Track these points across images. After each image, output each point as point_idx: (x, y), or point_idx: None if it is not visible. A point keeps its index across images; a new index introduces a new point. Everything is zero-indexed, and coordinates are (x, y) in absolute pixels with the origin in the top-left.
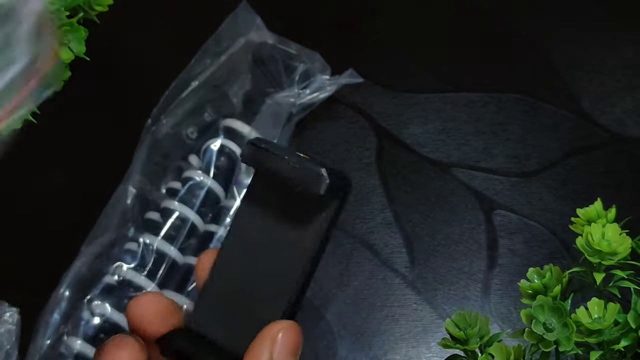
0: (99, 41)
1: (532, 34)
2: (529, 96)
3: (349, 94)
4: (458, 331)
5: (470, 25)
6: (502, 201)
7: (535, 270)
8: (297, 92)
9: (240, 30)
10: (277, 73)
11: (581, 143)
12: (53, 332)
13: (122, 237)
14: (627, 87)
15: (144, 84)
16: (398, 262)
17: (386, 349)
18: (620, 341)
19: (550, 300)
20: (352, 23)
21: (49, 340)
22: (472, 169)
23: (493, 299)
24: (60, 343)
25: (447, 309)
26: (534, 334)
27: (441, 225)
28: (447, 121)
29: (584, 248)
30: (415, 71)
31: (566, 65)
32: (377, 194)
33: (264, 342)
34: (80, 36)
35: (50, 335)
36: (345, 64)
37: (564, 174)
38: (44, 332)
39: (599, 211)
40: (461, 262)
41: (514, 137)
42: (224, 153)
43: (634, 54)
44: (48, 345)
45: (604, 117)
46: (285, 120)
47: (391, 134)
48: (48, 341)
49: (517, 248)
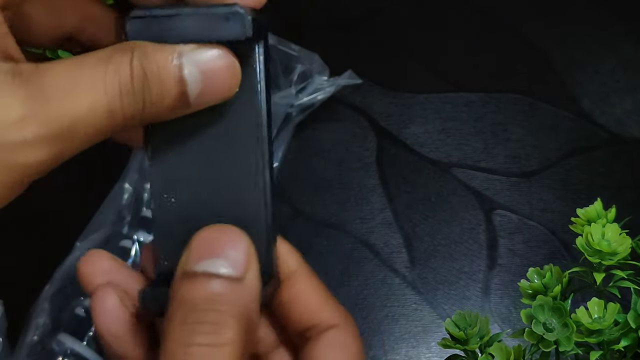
0: None
1: (532, 34)
2: (529, 96)
3: (349, 94)
4: (458, 331)
5: (470, 25)
6: (502, 201)
7: (535, 270)
8: (294, 93)
9: None
10: (275, 74)
11: (581, 143)
12: (44, 328)
13: (116, 234)
14: (627, 87)
15: None
16: (398, 262)
17: (386, 349)
18: (620, 341)
19: (550, 300)
20: (351, 23)
21: (39, 336)
22: (472, 169)
23: (493, 299)
24: (52, 339)
25: (447, 308)
26: (534, 334)
27: (441, 225)
28: (447, 121)
29: (584, 248)
30: (415, 71)
31: (566, 65)
32: (377, 194)
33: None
34: None
35: (41, 330)
36: (346, 64)
37: (563, 174)
38: (35, 327)
39: (599, 211)
40: (461, 262)
41: (514, 137)
42: None
43: (634, 54)
44: (37, 341)
45: (604, 117)
46: (282, 121)
47: (391, 134)
48: (36, 337)
49: (517, 248)
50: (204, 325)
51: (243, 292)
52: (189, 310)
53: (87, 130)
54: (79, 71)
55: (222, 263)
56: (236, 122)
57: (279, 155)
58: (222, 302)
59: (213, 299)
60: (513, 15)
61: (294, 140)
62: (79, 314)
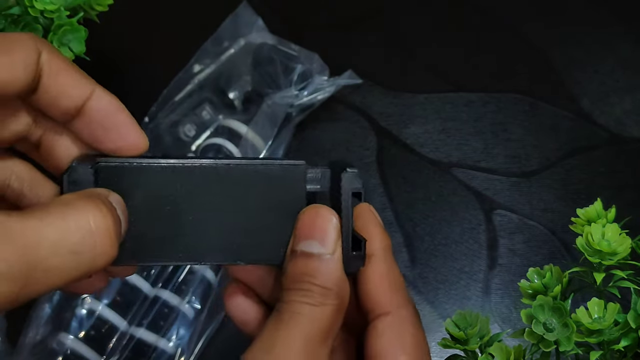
0: (99, 41)
1: (532, 34)
2: (528, 96)
3: (349, 94)
4: (458, 331)
5: (471, 25)
6: (502, 201)
7: (535, 270)
8: (294, 93)
9: (240, 30)
10: (275, 74)
11: (581, 143)
12: (45, 328)
13: None
14: (627, 87)
15: (144, 84)
16: (398, 262)
17: None
18: (620, 341)
19: (550, 300)
20: (352, 23)
21: (40, 336)
22: (472, 169)
23: (493, 298)
24: (52, 338)
25: (448, 308)
26: (534, 333)
27: (441, 225)
28: (447, 121)
29: (584, 248)
30: (415, 71)
31: (566, 65)
32: (377, 194)
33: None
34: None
35: (42, 330)
36: (346, 64)
37: (564, 174)
38: (35, 326)
39: (599, 211)
40: (461, 261)
41: (514, 137)
42: (221, 152)
43: (633, 54)
44: (38, 341)
45: (604, 117)
46: (282, 121)
47: (391, 134)
48: (39, 336)
49: (517, 248)
50: (300, 291)
51: (331, 265)
52: (291, 280)
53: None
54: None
55: (315, 244)
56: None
57: (279, 155)
58: (315, 275)
59: (308, 272)
60: (513, 15)
61: (294, 140)
62: (80, 313)
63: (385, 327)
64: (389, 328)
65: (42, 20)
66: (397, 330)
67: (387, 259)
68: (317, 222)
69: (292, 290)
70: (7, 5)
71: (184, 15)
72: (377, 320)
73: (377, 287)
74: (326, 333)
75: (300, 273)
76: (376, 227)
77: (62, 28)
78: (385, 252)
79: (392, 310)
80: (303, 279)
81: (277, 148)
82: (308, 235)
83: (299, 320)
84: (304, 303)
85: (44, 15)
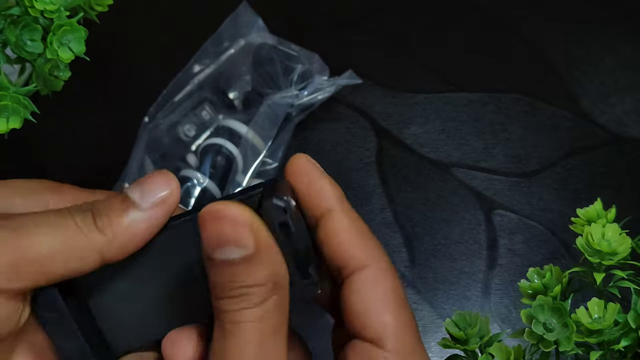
0: (99, 41)
1: (532, 34)
2: (528, 96)
3: (349, 94)
4: (458, 331)
5: (470, 25)
6: (502, 201)
7: (535, 270)
8: (294, 93)
9: (240, 30)
10: (275, 74)
11: (581, 143)
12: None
13: None
14: (627, 87)
15: (144, 85)
16: (398, 262)
17: None
18: (620, 341)
19: (550, 300)
20: (351, 23)
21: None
22: (472, 169)
23: (493, 298)
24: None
25: (447, 308)
26: (534, 334)
27: (441, 225)
28: (447, 121)
29: (584, 248)
30: (415, 71)
31: (566, 65)
32: (377, 194)
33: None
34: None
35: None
36: (346, 64)
37: (564, 174)
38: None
39: (599, 211)
40: (461, 262)
41: (514, 137)
42: (221, 153)
43: (634, 54)
44: None
45: (604, 117)
46: (282, 121)
47: (391, 134)
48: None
49: (517, 248)
50: (234, 299)
51: (257, 259)
52: (221, 289)
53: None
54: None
55: (232, 249)
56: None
57: (279, 155)
58: (244, 277)
59: (236, 278)
60: (513, 15)
61: (294, 140)
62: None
63: (362, 283)
64: (367, 284)
65: (42, 20)
66: (376, 286)
67: (345, 209)
68: (225, 228)
69: (226, 299)
70: (7, 5)
71: (184, 15)
72: (352, 276)
73: (346, 241)
74: (277, 326)
75: (228, 281)
76: (322, 179)
77: (62, 28)
78: (342, 202)
79: (369, 264)
80: (233, 285)
81: (277, 148)
82: (220, 243)
83: (243, 328)
84: (243, 309)
85: (44, 15)
